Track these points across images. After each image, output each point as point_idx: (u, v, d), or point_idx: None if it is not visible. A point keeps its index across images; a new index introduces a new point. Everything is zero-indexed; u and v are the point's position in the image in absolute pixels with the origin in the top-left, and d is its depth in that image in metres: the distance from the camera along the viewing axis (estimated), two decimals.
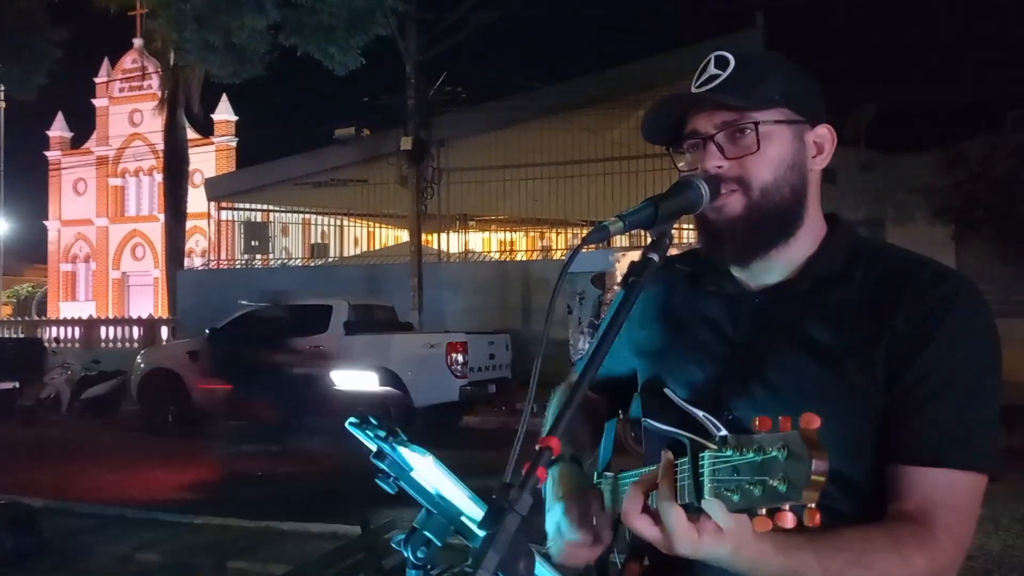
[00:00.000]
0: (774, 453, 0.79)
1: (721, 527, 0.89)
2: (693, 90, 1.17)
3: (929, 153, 13.43)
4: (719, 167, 1.14)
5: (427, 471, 1.20)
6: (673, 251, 1.18)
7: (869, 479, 1.10)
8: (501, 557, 0.86)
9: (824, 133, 1.20)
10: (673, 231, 1.10)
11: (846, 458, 1.09)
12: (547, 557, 1.15)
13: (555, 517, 1.15)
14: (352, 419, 1.21)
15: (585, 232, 1.10)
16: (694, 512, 0.90)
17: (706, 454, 0.86)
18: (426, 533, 1.15)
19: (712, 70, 1.16)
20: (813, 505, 0.79)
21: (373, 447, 1.20)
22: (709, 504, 0.87)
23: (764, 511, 0.81)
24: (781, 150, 1.15)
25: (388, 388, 10.11)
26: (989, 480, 1.08)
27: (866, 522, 1.08)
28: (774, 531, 0.82)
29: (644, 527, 0.95)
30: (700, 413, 0.90)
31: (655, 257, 1.06)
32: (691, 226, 1.24)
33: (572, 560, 1.15)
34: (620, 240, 15.94)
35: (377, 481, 1.20)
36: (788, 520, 0.80)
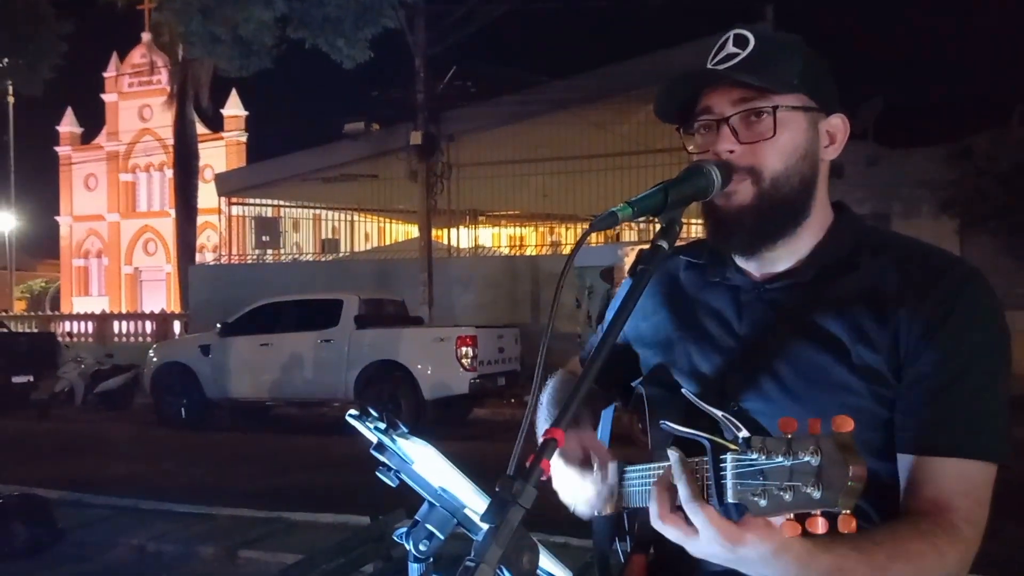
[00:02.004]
0: (806, 458, 0.76)
1: (770, 524, 0.84)
2: (709, 66, 1.14)
3: (936, 147, 13.37)
4: (731, 151, 1.11)
5: (428, 463, 1.19)
6: (679, 242, 1.17)
7: (879, 469, 1.08)
8: (504, 551, 0.84)
9: (837, 123, 1.18)
10: (682, 223, 1.08)
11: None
12: (551, 550, 1.15)
13: (558, 471, 1.14)
14: (352, 412, 1.20)
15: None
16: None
17: (728, 456, 0.82)
18: (428, 526, 1.14)
19: (731, 48, 1.13)
20: (848, 511, 0.76)
21: (374, 439, 1.19)
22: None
23: (792, 516, 0.78)
24: (796, 138, 1.12)
25: None
26: (999, 469, 1.07)
27: (878, 513, 1.07)
28: (802, 536, 0.80)
29: (678, 526, 0.90)
30: (720, 413, 0.86)
31: (664, 245, 1.04)
32: (699, 221, 1.23)
33: (589, 507, 1.15)
34: (629, 234, 15.91)
35: (378, 474, 1.19)
36: (819, 526, 0.77)
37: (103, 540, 5.28)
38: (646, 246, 1.07)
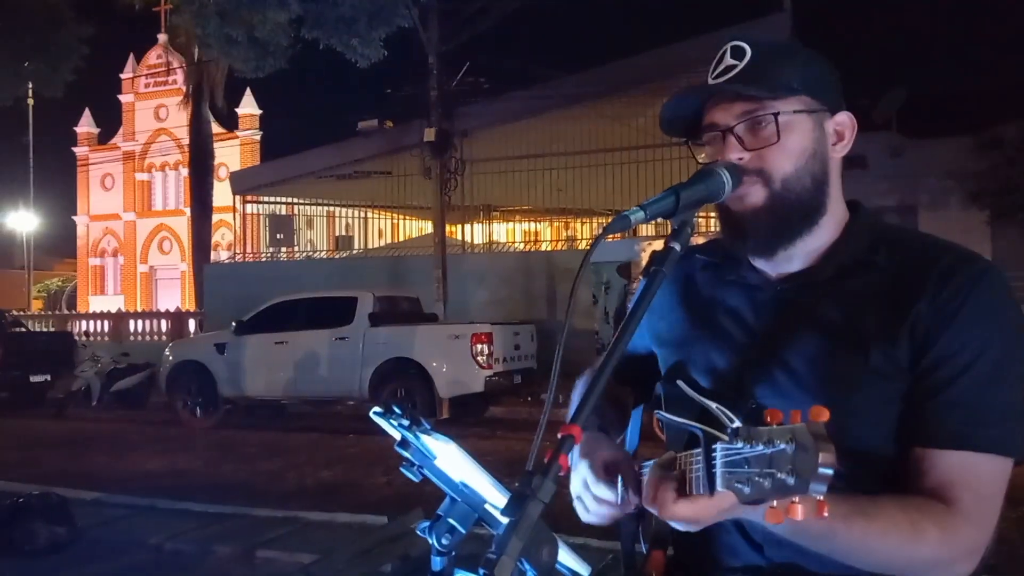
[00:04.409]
0: (782, 446, 0.80)
1: None
2: (710, 81, 1.17)
3: (962, 137, 13.13)
4: (740, 159, 1.14)
5: (450, 459, 1.21)
6: (698, 239, 1.17)
7: (894, 464, 1.09)
8: (524, 544, 0.87)
9: (844, 120, 1.19)
10: (698, 220, 1.10)
11: (872, 443, 1.08)
12: (570, 545, 1.15)
13: (580, 473, 1.13)
14: (376, 409, 1.23)
15: (609, 221, 1.09)
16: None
17: (718, 446, 0.86)
18: (450, 520, 1.17)
19: (728, 60, 1.16)
20: (821, 497, 0.80)
21: (397, 436, 1.22)
22: None
23: (775, 503, 0.81)
24: (802, 140, 1.14)
25: None
26: (1015, 465, 1.07)
27: None
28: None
29: (685, 507, 0.94)
30: (713, 405, 0.90)
31: (677, 246, 1.06)
32: (715, 215, 1.23)
33: (598, 517, 1.14)
34: (645, 229, 15.85)
35: (402, 469, 1.22)
36: (799, 512, 0.81)
37: (121, 539, 5.32)
38: (662, 242, 1.09)
